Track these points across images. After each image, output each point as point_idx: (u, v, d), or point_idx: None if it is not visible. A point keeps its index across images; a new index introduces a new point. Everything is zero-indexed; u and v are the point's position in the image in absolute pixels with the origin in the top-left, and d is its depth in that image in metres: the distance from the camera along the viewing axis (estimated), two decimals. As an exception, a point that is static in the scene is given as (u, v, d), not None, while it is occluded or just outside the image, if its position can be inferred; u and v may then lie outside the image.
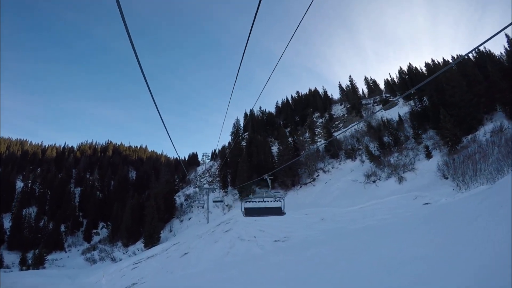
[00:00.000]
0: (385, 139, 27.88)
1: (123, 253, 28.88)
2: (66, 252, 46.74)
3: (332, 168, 28.55)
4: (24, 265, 36.11)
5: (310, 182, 26.10)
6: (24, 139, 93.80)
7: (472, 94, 23.32)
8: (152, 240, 25.03)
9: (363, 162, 26.61)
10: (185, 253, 13.34)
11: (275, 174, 29.33)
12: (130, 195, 43.01)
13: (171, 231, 28.11)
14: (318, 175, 27.43)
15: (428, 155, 20.53)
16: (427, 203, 13.58)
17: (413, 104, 32.21)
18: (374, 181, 20.63)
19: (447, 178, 16.36)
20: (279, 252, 10.53)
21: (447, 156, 18.86)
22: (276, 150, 31.07)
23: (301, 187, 25.89)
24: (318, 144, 36.82)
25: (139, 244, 28.42)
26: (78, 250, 47.08)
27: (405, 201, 14.96)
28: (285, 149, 28.64)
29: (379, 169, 22.31)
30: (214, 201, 25.44)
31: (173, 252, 14.26)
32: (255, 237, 12.30)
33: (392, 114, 37.80)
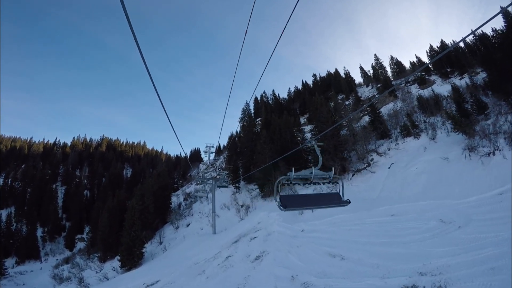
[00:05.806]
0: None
1: (96, 272, 20.67)
2: (42, 261, 38.78)
3: (389, 149, 20.18)
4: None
5: (364, 168, 17.65)
6: (18, 137, 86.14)
7: None
8: (131, 258, 16.73)
9: (432, 138, 18.86)
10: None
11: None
12: (111, 194, 34.40)
13: (161, 242, 19.71)
14: (372, 158, 19.03)
15: None
16: None
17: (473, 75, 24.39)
18: (488, 154, 12.50)
19: None
20: None
21: None
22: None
23: (353, 175, 17.52)
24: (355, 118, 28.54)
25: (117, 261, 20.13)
26: (57, 259, 38.95)
27: None
28: (326, 117, 20.19)
29: (476, 139, 14.53)
30: (218, 186, 19.15)
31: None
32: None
33: (428, 93, 32.35)
